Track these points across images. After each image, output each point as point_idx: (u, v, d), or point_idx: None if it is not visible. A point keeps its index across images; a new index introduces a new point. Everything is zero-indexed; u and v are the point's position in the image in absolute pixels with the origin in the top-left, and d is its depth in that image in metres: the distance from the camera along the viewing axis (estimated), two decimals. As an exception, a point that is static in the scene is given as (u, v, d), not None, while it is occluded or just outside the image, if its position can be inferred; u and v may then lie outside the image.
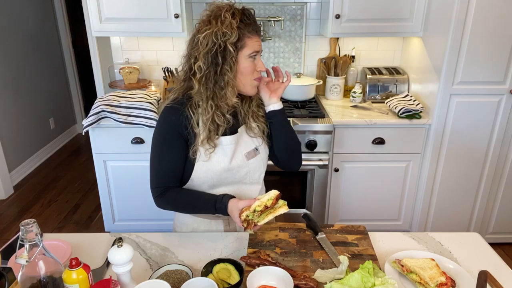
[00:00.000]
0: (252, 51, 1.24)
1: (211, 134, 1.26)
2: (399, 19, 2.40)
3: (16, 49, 3.70)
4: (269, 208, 1.14)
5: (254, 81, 1.29)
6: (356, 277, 1.03)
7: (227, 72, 1.22)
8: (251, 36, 1.24)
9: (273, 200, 1.14)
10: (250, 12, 1.26)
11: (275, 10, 2.71)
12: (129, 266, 1.03)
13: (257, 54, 1.27)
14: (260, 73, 1.30)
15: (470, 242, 1.32)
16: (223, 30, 1.19)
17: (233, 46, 1.20)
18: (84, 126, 2.27)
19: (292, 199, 2.50)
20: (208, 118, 1.25)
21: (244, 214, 1.13)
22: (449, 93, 2.25)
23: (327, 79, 2.71)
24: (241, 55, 1.24)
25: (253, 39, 1.24)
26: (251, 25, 1.24)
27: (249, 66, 1.26)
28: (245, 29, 1.22)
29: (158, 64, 2.82)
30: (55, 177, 3.76)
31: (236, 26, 1.20)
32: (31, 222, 0.90)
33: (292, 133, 1.41)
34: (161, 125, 1.30)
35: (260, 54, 1.29)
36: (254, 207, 1.13)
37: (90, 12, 2.35)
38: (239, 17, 1.21)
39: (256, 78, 1.29)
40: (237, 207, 1.18)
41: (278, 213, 1.15)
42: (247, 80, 1.27)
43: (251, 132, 1.37)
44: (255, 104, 1.37)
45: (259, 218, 1.14)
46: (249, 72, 1.26)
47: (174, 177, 1.32)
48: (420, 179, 2.49)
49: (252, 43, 1.24)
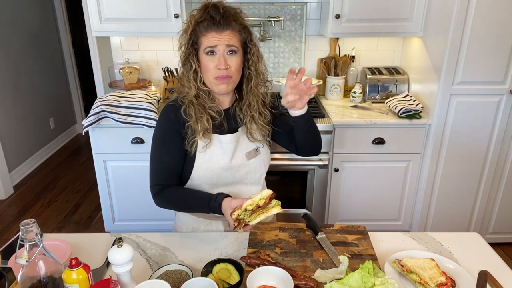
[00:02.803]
0: (205, 47, 1.22)
1: (204, 127, 1.27)
2: (399, 19, 2.39)
3: (16, 49, 3.70)
4: (261, 207, 1.12)
5: (214, 80, 1.24)
6: (356, 277, 1.03)
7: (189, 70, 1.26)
8: (205, 33, 1.22)
9: (266, 200, 1.11)
10: (217, 8, 1.21)
11: (275, 10, 2.71)
12: (129, 266, 1.03)
13: (212, 49, 1.22)
14: (221, 71, 1.22)
15: (470, 242, 1.32)
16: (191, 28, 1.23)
17: (189, 47, 1.24)
18: (84, 126, 2.27)
19: (292, 199, 2.50)
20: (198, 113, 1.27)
21: (236, 213, 1.12)
22: (449, 93, 2.25)
23: (327, 79, 2.71)
24: (200, 53, 1.25)
25: (208, 35, 1.21)
26: (208, 21, 1.21)
27: (206, 64, 1.24)
28: (201, 26, 1.22)
29: (158, 64, 2.82)
30: (55, 177, 3.76)
31: (193, 26, 1.23)
32: (31, 222, 0.90)
33: (315, 130, 1.38)
34: (161, 123, 1.31)
35: (221, 50, 1.21)
36: (245, 206, 1.11)
37: (90, 12, 2.34)
38: (203, 13, 1.22)
39: (216, 77, 1.24)
40: (230, 206, 1.16)
41: (270, 213, 1.12)
42: (208, 78, 1.26)
43: (251, 137, 1.36)
44: (255, 109, 1.33)
45: (250, 217, 1.12)
46: (207, 70, 1.24)
47: (173, 175, 1.32)
48: (420, 179, 2.49)
49: (207, 40, 1.22)
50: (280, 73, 2.85)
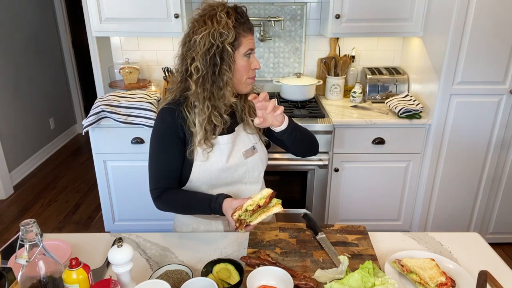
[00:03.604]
0: (247, 49, 1.25)
1: (207, 134, 1.26)
2: (399, 19, 2.39)
3: (16, 49, 3.70)
4: (262, 207, 1.12)
5: (248, 80, 1.30)
6: (356, 277, 1.03)
7: (226, 72, 1.22)
8: (245, 34, 1.25)
9: (266, 199, 1.11)
10: (243, 10, 1.27)
11: (275, 10, 2.70)
12: (129, 266, 1.03)
13: (251, 52, 1.28)
14: (254, 71, 1.31)
15: (470, 242, 1.32)
16: (220, 31, 1.19)
17: (230, 46, 1.21)
18: (84, 126, 2.27)
19: (292, 199, 2.50)
20: (204, 119, 1.25)
21: (237, 214, 1.12)
22: (449, 93, 2.25)
23: (327, 79, 2.71)
24: (238, 54, 1.25)
25: (248, 37, 1.26)
26: (245, 24, 1.25)
27: (244, 65, 1.27)
28: (240, 28, 1.23)
29: (158, 64, 2.82)
30: (55, 177, 3.76)
31: (232, 25, 1.21)
32: (31, 222, 0.90)
33: (304, 134, 1.38)
34: (158, 127, 1.31)
35: (254, 52, 1.30)
36: (245, 206, 1.11)
37: (90, 12, 2.34)
38: (234, 16, 1.22)
39: (250, 77, 1.30)
40: (231, 207, 1.16)
41: (271, 212, 1.12)
42: (243, 79, 1.28)
43: (249, 128, 1.37)
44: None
45: (251, 217, 1.12)
46: (245, 71, 1.27)
47: (172, 178, 1.32)
48: (420, 179, 2.49)
49: (247, 42, 1.25)
50: (280, 73, 2.85)
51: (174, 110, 1.28)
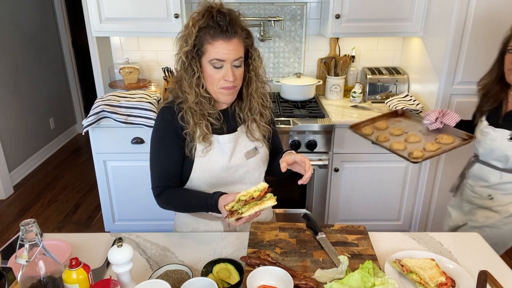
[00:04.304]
0: (212, 58, 1.18)
1: (204, 133, 1.26)
2: (399, 19, 2.39)
3: (16, 49, 3.70)
4: (256, 199, 1.12)
5: (221, 89, 1.23)
6: (356, 277, 1.03)
7: (191, 78, 1.22)
8: (212, 41, 1.17)
9: (261, 192, 1.12)
10: (223, 14, 1.17)
11: (275, 10, 2.70)
12: (129, 266, 1.03)
13: (221, 63, 1.18)
14: (227, 82, 1.20)
15: (470, 242, 1.32)
16: (185, 37, 1.19)
17: (192, 52, 1.19)
18: (84, 126, 2.27)
19: (292, 199, 2.50)
20: (197, 119, 1.25)
21: (230, 205, 1.13)
22: (449, 93, 2.25)
23: (327, 79, 2.71)
24: (204, 61, 1.20)
25: (216, 44, 1.16)
26: (215, 28, 1.16)
27: (210, 74, 1.20)
28: (206, 33, 1.17)
29: (158, 64, 2.82)
30: (55, 177, 3.76)
31: (197, 31, 1.17)
32: (31, 222, 0.90)
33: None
34: (158, 126, 1.32)
35: (229, 63, 1.19)
36: (239, 196, 1.12)
37: (90, 12, 2.34)
38: (208, 21, 1.16)
39: (223, 87, 1.22)
40: (226, 201, 1.17)
41: (265, 205, 1.12)
42: (213, 87, 1.24)
43: (251, 136, 1.36)
44: (257, 112, 1.34)
45: (243, 208, 1.12)
46: (213, 80, 1.21)
47: (173, 176, 1.32)
48: (420, 179, 2.49)
49: (214, 49, 1.17)
50: (280, 73, 2.85)
51: (173, 109, 1.28)
